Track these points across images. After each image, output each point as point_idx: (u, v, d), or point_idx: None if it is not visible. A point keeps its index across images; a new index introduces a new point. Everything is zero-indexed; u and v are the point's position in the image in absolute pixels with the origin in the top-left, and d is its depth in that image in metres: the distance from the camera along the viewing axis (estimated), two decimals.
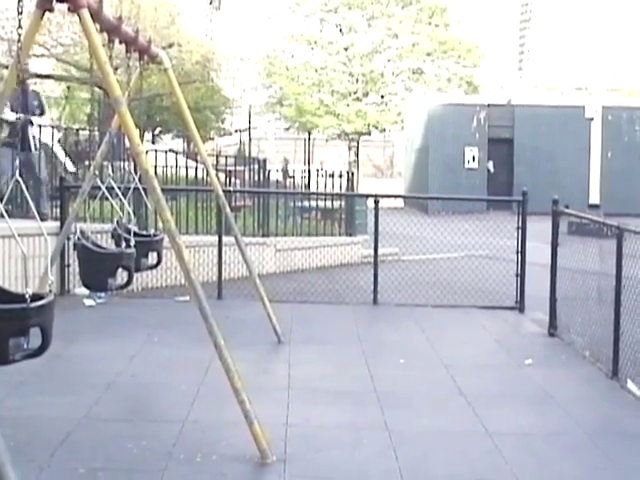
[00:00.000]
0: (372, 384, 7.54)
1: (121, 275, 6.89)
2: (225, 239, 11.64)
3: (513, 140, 33.41)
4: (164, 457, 5.53)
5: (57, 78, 30.51)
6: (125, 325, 9.77)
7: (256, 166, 17.63)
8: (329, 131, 45.08)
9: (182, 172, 14.87)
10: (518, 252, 11.45)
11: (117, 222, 7.34)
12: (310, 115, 43.29)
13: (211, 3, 36.11)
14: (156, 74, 22.19)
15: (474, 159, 33.35)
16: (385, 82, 44.52)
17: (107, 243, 7.47)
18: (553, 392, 7.47)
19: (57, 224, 10.77)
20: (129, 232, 7.04)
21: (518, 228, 11.43)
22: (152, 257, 7.67)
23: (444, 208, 27.16)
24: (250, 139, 48.35)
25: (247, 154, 39.22)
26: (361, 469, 5.50)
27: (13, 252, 9.69)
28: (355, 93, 43.94)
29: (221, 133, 50.24)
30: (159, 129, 44.19)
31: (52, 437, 5.82)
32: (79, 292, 10.57)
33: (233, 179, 16.49)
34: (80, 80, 29.15)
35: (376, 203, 12.02)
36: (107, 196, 7.28)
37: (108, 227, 7.59)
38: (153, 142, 40.79)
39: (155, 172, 10.45)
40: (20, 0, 5.13)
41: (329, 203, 16.78)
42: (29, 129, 11.72)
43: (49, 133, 12.32)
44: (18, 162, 5.32)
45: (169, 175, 14.15)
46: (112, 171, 7.69)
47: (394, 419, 6.51)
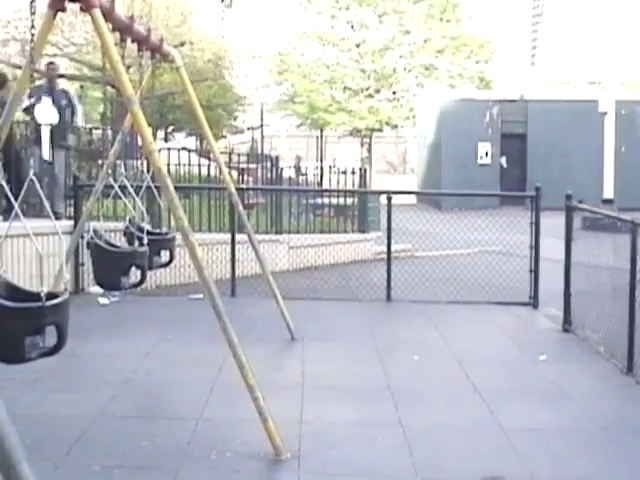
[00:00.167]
0: (386, 381, 7.55)
1: (135, 274, 6.91)
2: (238, 237, 11.66)
3: (526, 135, 33.29)
4: (179, 454, 5.54)
5: (70, 77, 30.58)
6: (139, 323, 9.80)
7: (268, 163, 17.65)
8: (341, 128, 45.05)
9: (195, 170, 14.90)
10: (532, 248, 11.43)
11: (130, 220, 7.35)
12: (322, 112, 43.26)
13: (222, 1, 36.17)
14: (168, 72, 22.21)
15: (487, 155, 33.27)
16: (397, 78, 44.43)
17: (120, 241, 7.49)
18: (567, 388, 7.46)
19: (71, 223, 10.81)
20: (142, 230, 7.05)
21: (531, 223, 11.40)
22: (164, 255, 7.69)
23: (457, 204, 27.09)
24: (262, 137, 48.36)
25: (259, 152, 39.23)
26: (375, 465, 5.50)
27: (28, 251, 9.72)
28: (367, 90, 43.89)
29: (233, 131, 50.31)
30: (171, 127, 44.27)
31: (67, 435, 5.85)
32: (93, 290, 10.61)
33: (246, 177, 16.51)
34: (93, 79, 29.24)
35: (389, 199, 12.01)
36: (120, 195, 7.30)
37: (121, 225, 7.60)
38: (166, 140, 40.85)
39: (168, 170, 10.46)
40: (33, 0, 5.16)
41: (342, 200, 16.77)
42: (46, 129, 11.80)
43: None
44: (32, 161, 5.33)
45: (182, 173, 14.18)
46: (125, 170, 7.69)
47: (408, 415, 6.51)
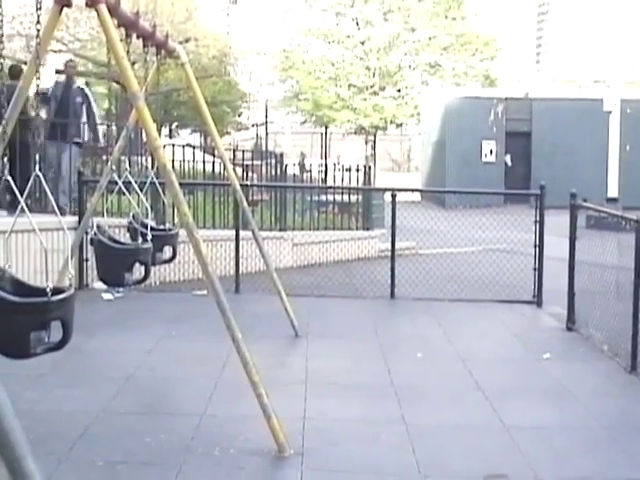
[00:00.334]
0: (389, 378, 7.54)
1: (139, 270, 6.91)
2: (242, 233, 11.66)
3: (531, 133, 33.25)
4: (182, 451, 5.55)
5: (75, 73, 30.61)
6: (143, 319, 9.82)
7: (273, 160, 17.65)
8: (346, 126, 45.04)
9: (199, 166, 14.91)
10: (536, 246, 11.42)
11: (133, 216, 7.35)
12: (327, 109, 43.27)
13: None
14: (173, 69, 22.22)
15: (491, 153, 33.24)
16: (402, 76, 44.41)
17: (124, 237, 7.50)
18: (571, 386, 7.45)
19: (75, 218, 10.82)
20: (145, 226, 7.06)
21: (536, 222, 11.39)
22: (167, 251, 7.70)
23: (461, 202, 27.09)
24: (267, 133, 48.39)
25: (264, 148, 39.25)
26: (378, 463, 5.50)
27: (32, 246, 9.74)
28: (372, 87, 43.87)
29: (238, 127, 50.34)
30: (176, 124, 44.29)
31: (71, 430, 5.85)
32: (97, 286, 10.61)
33: (250, 173, 16.53)
34: (98, 75, 29.27)
35: (393, 197, 12.01)
36: (124, 191, 7.30)
37: (126, 221, 7.61)
38: (170, 137, 40.89)
39: (172, 166, 10.46)
40: None
41: (346, 197, 16.76)
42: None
43: None
44: (38, 157, 5.33)
45: (186, 169, 14.19)
46: (129, 166, 7.70)
47: (411, 413, 6.51)
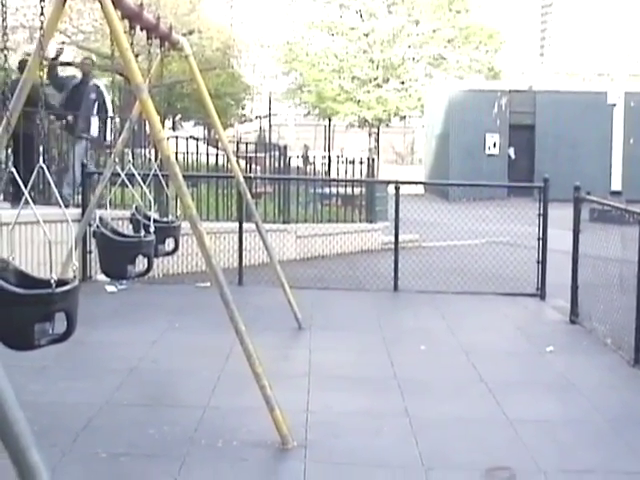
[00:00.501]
0: (392, 371, 7.55)
1: (142, 262, 6.91)
2: (246, 225, 11.67)
3: (534, 126, 33.22)
4: (185, 443, 5.55)
5: (78, 65, 30.60)
6: (146, 311, 9.82)
7: (276, 153, 17.62)
8: (349, 118, 45.00)
9: (203, 159, 14.91)
10: (539, 239, 11.42)
11: (136, 208, 7.35)
12: (331, 101, 43.24)
13: None
14: (177, 61, 22.25)
15: (495, 145, 33.21)
16: (406, 68, 44.37)
17: (127, 229, 7.49)
18: (574, 379, 7.45)
19: (79, 210, 10.83)
20: (148, 218, 7.05)
21: (539, 215, 11.39)
22: (169, 243, 7.70)
23: (465, 195, 27.08)
24: (270, 126, 48.35)
25: (267, 141, 39.22)
26: (381, 455, 5.51)
27: (35, 238, 9.74)
28: (375, 79, 43.82)
29: (241, 120, 50.31)
30: (180, 116, 44.28)
31: (74, 422, 5.86)
32: (101, 278, 10.61)
33: (253, 166, 16.51)
34: (101, 67, 29.22)
35: (397, 190, 12.00)
36: (127, 183, 7.30)
37: (129, 214, 7.61)
38: (173, 129, 40.87)
39: (176, 159, 10.47)
40: None
41: (349, 190, 16.76)
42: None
43: None
44: (42, 149, 5.32)
45: (190, 162, 14.18)
46: (132, 158, 7.69)
47: (414, 406, 6.51)
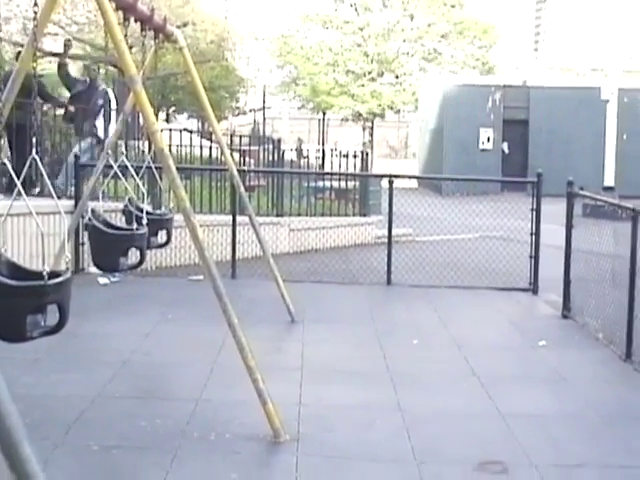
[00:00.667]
0: (385, 364, 7.55)
1: (135, 254, 6.89)
2: (239, 218, 11.66)
3: (528, 121, 33.24)
4: (177, 435, 5.55)
5: (72, 57, 30.51)
6: (139, 303, 9.81)
7: (270, 146, 17.59)
8: (344, 112, 44.95)
9: (196, 151, 14.88)
10: (532, 234, 11.43)
11: (129, 200, 7.34)
12: (325, 95, 43.19)
13: None
14: (171, 53, 22.18)
15: (489, 140, 33.22)
16: (400, 62, 44.33)
17: (120, 221, 7.48)
18: (566, 374, 7.47)
19: (72, 202, 10.80)
20: (141, 210, 7.04)
21: (532, 210, 11.40)
22: (161, 236, 7.69)
23: (458, 189, 27.07)
24: (264, 119, 48.24)
25: (261, 134, 39.14)
26: (374, 449, 5.51)
27: (28, 230, 9.72)
28: (370, 73, 43.78)
29: (235, 113, 50.16)
30: (173, 108, 44.16)
31: (66, 415, 5.86)
32: (93, 270, 10.58)
33: (247, 159, 16.48)
34: (95, 59, 29.14)
35: (390, 183, 12.00)
36: (119, 175, 7.28)
37: (122, 206, 7.59)
38: (167, 121, 40.77)
39: (170, 151, 10.45)
40: None
41: (343, 183, 16.75)
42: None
43: None
44: (35, 141, 5.31)
45: (184, 154, 14.16)
46: (126, 150, 7.68)
47: (407, 399, 6.52)
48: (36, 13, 5.31)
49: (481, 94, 33.09)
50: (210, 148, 14.80)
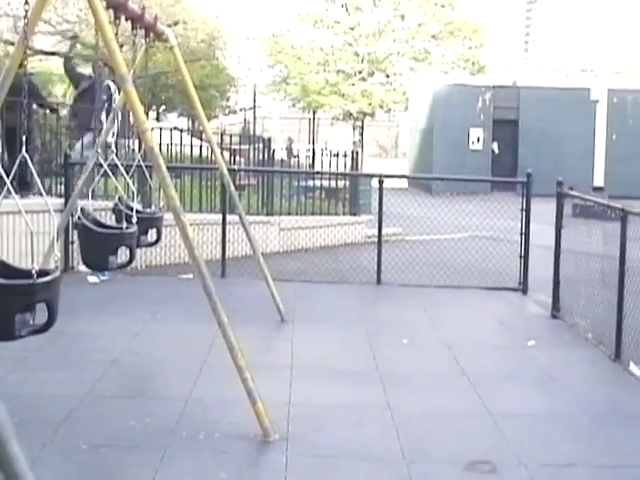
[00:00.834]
0: (375, 364, 7.56)
1: (124, 253, 6.88)
2: (229, 217, 11.65)
3: (518, 122, 33.30)
4: (167, 434, 5.55)
5: (62, 55, 30.45)
6: (129, 302, 9.79)
7: (260, 145, 17.58)
8: (334, 111, 44.96)
9: (187, 150, 14.86)
10: (522, 234, 11.45)
11: (119, 198, 7.32)
12: (315, 94, 43.19)
13: None
14: (161, 52, 22.13)
15: (479, 140, 33.27)
16: (391, 62, 44.36)
17: (110, 220, 7.46)
18: (556, 374, 7.48)
19: (61, 201, 10.77)
20: (130, 209, 7.02)
21: (522, 210, 11.42)
22: (151, 234, 7.67)
23: (448, 189, 27.06)
24: (255, 118, 48.21)
25: (252, 133, 39.12)
26: (363, 448, 5.51)
27: (17, 228, 9.69)
28: (360, 73, 43.80)
29: (226, 112, 50.11)
30: (164, 107, 44.09)
31: (55, 413, 5.84)
32: (83, 269, 10.55)
33: (238, 158, 16.47)
34: (86, 57, 29.07)
35: (380, 183, 12.01)
36: (109, 174, 7.26)
37: (112, 204, 7.57)
38: (158, 120, 40.69)
39: (160, 150, 10.44)
40: None
41: (333, 182, 16.75)
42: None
43: None
44: (25, 139, 5.29)
45: (174, 153, 14.13)
46: (116, 148, 7.65)
47: (396, 399, 6.52)
48: (27, 11, 5.29)
49: (471, 94, 33.14)
50: (200, 147, 14.78)
